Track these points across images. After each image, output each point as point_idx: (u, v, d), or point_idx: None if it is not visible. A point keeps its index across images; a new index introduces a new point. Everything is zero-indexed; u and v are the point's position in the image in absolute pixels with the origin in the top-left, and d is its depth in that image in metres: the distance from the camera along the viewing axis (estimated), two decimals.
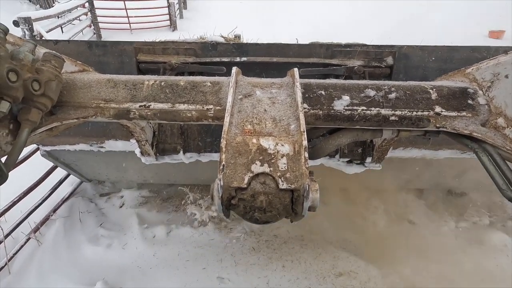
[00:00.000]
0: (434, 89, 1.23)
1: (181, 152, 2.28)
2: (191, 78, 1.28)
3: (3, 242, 2.71)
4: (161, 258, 2.89)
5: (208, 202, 3.33)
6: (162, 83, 1.23)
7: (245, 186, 0.91)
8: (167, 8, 11.44)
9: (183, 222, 3.24)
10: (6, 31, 0.98)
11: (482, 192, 3.60)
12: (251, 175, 0.92)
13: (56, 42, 2.07)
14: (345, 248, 3.01)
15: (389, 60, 2.08)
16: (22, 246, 2.87)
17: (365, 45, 2.13)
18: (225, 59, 2.12)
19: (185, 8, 14.09)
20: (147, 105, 1.19)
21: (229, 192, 0.92)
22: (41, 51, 1.16)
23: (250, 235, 3.13)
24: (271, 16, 12.83)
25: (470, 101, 1.20)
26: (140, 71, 2.14)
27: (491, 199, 3.56)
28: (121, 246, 3.01)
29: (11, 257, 2.76)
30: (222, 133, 1.00)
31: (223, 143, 0.97)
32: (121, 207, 3.48)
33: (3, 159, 1.04)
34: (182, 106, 1.19)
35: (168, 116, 1.20)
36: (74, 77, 1.25)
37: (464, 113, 1.18)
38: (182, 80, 1.25)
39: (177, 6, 12.45)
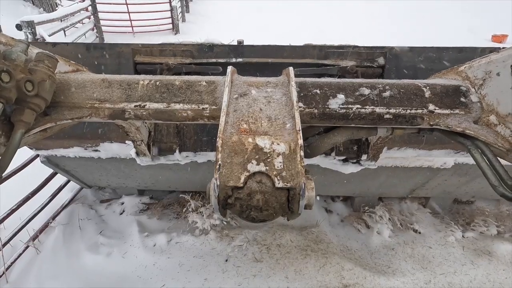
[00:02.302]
0: (428, 87, 1.24)
1: (177, 151, 2.28)
2: (186, 77, 1.27)
3: (1, 251, 2.66)
4: (161, 267, 2.84)
5: (210, 210, 3.28)
6: (157, 83, 1.23)
7: (241, 185, 0.92)
8: (169, 11, 11.47)
9: (184, 230, 3.19)
10: None
11: (489, 201, 3.53)
12: (247, 174, 0.93)
13: (55, 44, 2.07)
14: (350, 258, 2.94)
15: (381, 60, 2.12)
16: (20, 254, 2.83)
17: (357, 46, 2.18)
18: (221, 60, 2.16)
19: (188, 12, 14.14)
20: (142, 105, 1.19)
21: (225, 192, 0.93)
22: (34, 51, 1.14)
23: (252, 244, 3.07)
24: (276, 19, 12.83)
25: (462, 99, 1.21)
26: (137, 72, 2.16)
27: (499, 208, 3.49)
28: (121, 254, 2.95)
29: (9, 266, 2.72)
30: (218, 132, 1.00)
31: (219, 142, 0.97)
32: (121, 214, 3.44)
33: None
34: (177, 106, 1.18)
35: (164, 116, 1.20)
36: (68, 77, 1.24)
37: (457, 111, 1.20)
38: (177, 79, 1.24)
39: (179, 10, 12.48)
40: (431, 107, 1.19)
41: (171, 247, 3.04)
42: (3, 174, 1.02)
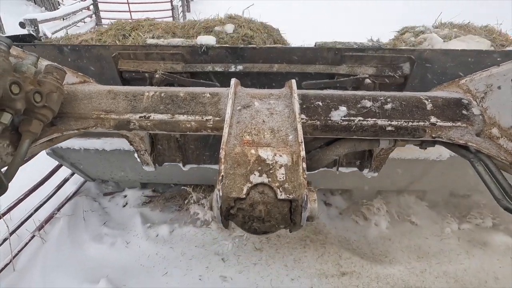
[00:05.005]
0: (429, 100, 1.25)
1: (181, 164, 2.23)
2: (190, 89, 1.29)
3: (8, 240, 2.73)
4: (164, 256, 2.91)
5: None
6: (162, 94, 1.25)
7: (244, 196, 0.92)
8: (170, 11, 11.54)
9: (186, 222, 3.25)
10: (10, 44, 0.99)
11: (485, 194, 3.59)
12: (249, 185, 0.93)
13: (22, 45, 1.88)
14: (348, 248, 3.01)
15: (406, 67, 1.85)
16: (26, 244, 2.89)
17: (380, 48, 1.88)
18: (218, 69, 1.91)
19: (189, 11, 14.17)
20: (147, 116, 1.21)
21: (228, 203, 0.93)
22: (43, 63, 1.17)
23: (252, 235, 3.13)
24: (278, 20, 12.84)
25: (464, 112, 1.22)
26: (123, 79, 1.96)
27: (494, 201, 3.55)
28: (124, 244, 3.02)
29: (16, 254, 2.78)
30: (221, 143, 1.01)
31: (222, 153, 0.98)
32: (124, 206, 3.50)
33: (3, 169, 1.04)
34: (181, 117, 1.20)
35: (168, 127, 1.21)
36: (75, 89, 1.26)
37: (459, 123, 1.20)
38: (182, 91, 1.27)
39: (180, 9, 12.55)
40: (433, 119, 1.20)
41: (173, 237, 3.10)
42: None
